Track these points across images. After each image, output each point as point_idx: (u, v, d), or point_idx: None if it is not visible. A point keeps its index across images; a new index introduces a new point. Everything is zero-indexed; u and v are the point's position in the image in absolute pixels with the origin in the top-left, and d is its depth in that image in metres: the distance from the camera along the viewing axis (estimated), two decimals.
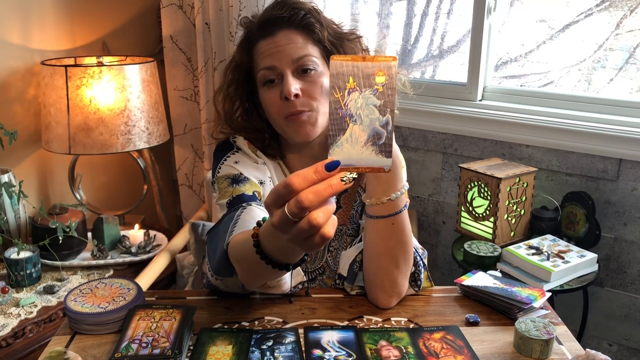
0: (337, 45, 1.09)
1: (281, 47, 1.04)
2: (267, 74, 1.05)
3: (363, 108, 0.63)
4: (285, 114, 1.04)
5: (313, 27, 1.06)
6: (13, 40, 1.87)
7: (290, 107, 1.03)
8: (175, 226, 2.49)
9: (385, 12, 2.31)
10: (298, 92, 1.02)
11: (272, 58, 1.04)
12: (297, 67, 1.04)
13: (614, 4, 1.89)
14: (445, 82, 2.10)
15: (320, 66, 1.06)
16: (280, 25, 1.05)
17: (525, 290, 1.05)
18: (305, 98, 1.04)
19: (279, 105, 1.05)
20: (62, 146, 1.79)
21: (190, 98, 2.26)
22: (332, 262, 1.16)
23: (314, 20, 1.06)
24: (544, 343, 0.89)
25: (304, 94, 1.04)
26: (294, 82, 1.03)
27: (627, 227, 1.77)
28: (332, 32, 1.09)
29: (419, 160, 2.11)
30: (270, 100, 1.06)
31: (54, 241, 1.63)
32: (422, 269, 1.06)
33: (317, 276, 1.16)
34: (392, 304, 1.04)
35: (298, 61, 1.04)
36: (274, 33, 1.05)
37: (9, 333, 1.41)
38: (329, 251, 1.16)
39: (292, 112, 1.04)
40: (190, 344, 0.91)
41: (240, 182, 1.08)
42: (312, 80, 1.05)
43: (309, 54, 1.05)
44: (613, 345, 1.88)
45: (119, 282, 1.05)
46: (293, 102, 1.03)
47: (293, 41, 1.04)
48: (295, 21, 1.05)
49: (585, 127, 1.77)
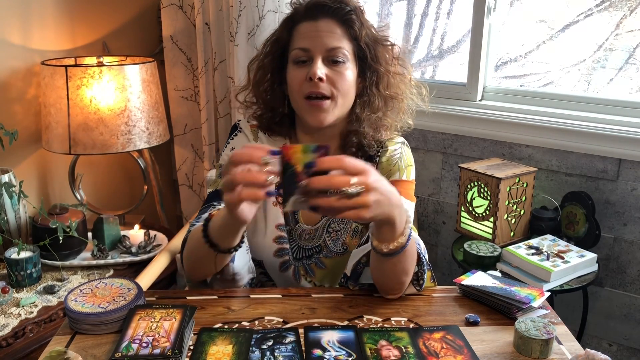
0: (370, 46, 1.15)
1: (320, 33, 1.10)
2: (300, 54, 1.12)
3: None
4: (306, 93, 1.11)
5: (353, 23, 1.12)
6: (13, 40, 1.87)
7: (312, 87, 1.10)
8: (175, 226, 2.49)
9: (385, 12, 2.31)
10: (323, 76, 1.09)
11: (308, 41, 1.11)
12: (328, 56, 1.10)
13: (614, 4, 1.89)
14: (445, 82, 2.10)
15: (349, 61, 1.13)
16: (325, 13, 1.11)
17: (524, 289, 1.05)
18: (328, 84, 1.10)
19: (302, 84, 1.11)
20: (62, 146, 1.79)
21: (190, 98, 2.26)
22: (330, 243, 1.20)
23: (355, 18, 1.12)
24: (543, 343, 0.89)
25: (328, 81, 1.10)
26: (321, 66, 1.09)
27: (627, 227, 1.77)
28: (370, 34, 1.15)
29: (419, 160, 2.11)
30: (296, 78, 1.12)
31: (54, 241, 1.63)
32: (425, 269, 1.08)
33: (313, 254, 1.21)
34: (399, 295, 1.08)
35: (331, 51, 1.10)
36: (317, 18, 1.11)
37: (9, 333, 1.41)
38: (328, 232, 1.20)
39: (312, 91, 1.10)
40: (190, 344, 0.92)
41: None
42: (339, 71, 1.11)
43: (342, 47, 1.11)
44: (613, 345, 1.88)
45: (119, 282, 1.05)
46: (316, 83, 1.09)
47: (332, 31, 1.11)
48: (340, 14, 1.11)
49: (585, 127, 1.77)
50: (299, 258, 1.21)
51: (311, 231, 1.20)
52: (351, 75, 1.13)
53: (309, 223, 1.21)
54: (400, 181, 1.18)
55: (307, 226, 1.20)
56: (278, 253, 1.20)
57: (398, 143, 1.22)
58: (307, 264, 1.21)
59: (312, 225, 1.20)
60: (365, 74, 1.16)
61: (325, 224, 1.20)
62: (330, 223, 1.20)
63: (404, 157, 1.21)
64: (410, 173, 1.21)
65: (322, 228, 1.20)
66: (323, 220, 1.20)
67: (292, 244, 1.21)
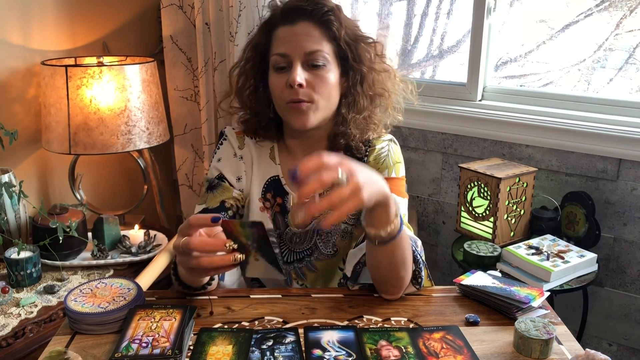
0: (351, 46, 1.13)
1: (297, 37, 1.08)
2: (279, 60, 1.10)
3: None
4: (287, 99, 1.10)
5: (332, 24, 1.10)
6: (13, 40, 1.87)
7: (292, 94, 1.09)
8: (175, 226, 2.49)
9: (385, 12, 2.31)
10: (302, 82, 1.08)
11: (287, 46, 1.09)
12: (307, 60, 1.09)
13: (614, 4, 1.89)
14: (445, 82, 2.10)
15: (330, 63, 1.11)
16: (302, 16, 1.09)
17: (523, 289, 1.05)
18: (308, 89, 1.09)
19: (283, 91, 1.10)
20: (62, 146, 1.79)
21: (190, 98, 2.26)
22: (321, 245, 1.20)
23: (333, 18, 1.10)
24: (543, 343, 0.89)
25: (308, 86, 1.09)
26: (300, 73, 1.08)
27: (627, 227, 1.77)
28: (350, 33, 1.13)
29: (419, 160, 2.11)
30: (277, 85, 1.11)
31: (54, 241, 1.63)
32: (422, 267, 1.07)
33: (304, 257, 1.20)
34: (399, 295, 1.08)
35: (310, 54, 1.08)
36: (294, 22, 1.09)
37: (9, 333, 1.41)
38: (318, 234, 1.20)
39: (293, 99, 1.09)
40: (190, 344, 0.92)
41: (214, 189, 1.18)
42: (319, 74, 1.10)
43: (321, 50, 1.09)
44: (613, 345, 1.88)
45: (119, 282, 1.05)
46: (296, 90, 1.08)
47: (310, 34, 1.09)
48: (317, 15, 1.09)
49: (585, 127, 1.77)
50: (290, 262, 1.21)
51: (302, 234, 1.20)
52: (333, 77, 1.11)
53: (298, 226, 1.20)
54: (390, 179, 1.18)
55: (298, 229, 1.20)
56: None
57: (385, 141, 1.21)
58: (298, 267, 1.21)
59: (302, 228, 1.20)
60: (349, 74, 1.15)
61: (315, 226, 1.20)
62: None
63: (392, 154, 1.20)
64: (399, 170, 1.20)
65: (312, 231, 1.20)
66: (313, 223, 1.20)
67: (282, 248, 1.21)
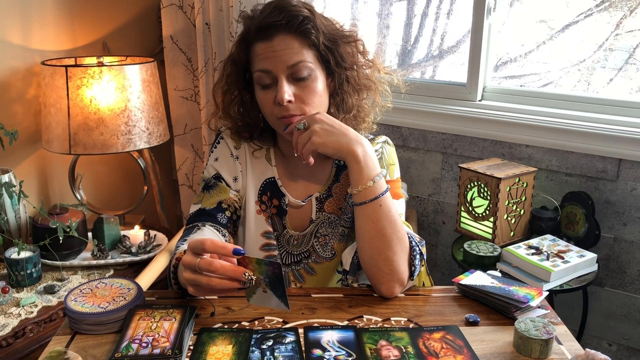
0: (332, 49, 1.11)
1: (277, 53, 1.06)
2: (263, 77, 1.09)
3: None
4: (278, 116, 1.09)
5: (310, 33, 1.08)
6: (13, 40, 1.87)
7: (282, 111, 1.08)
8: (175, 226, 2.50)
9: (385, 12, 2.32)
10: (291, 98, 1.07)
11: (268, 62, 1.07)
12: (291, 73, 1.07)
13: (614, 4, 1.89)
14: (445, 82, 2.10)
15: (314, 71, 1.09)
16: (278, 30, 1.07)
17: (522, 289, 1.05)
18: (298, 103, 1.08)
19: (272, 108, 1.09)
20: (62, 146, 1.79)
21: (190, 98, 2.27)
22: (319, 248, 1.19)
23: (310, 27, 1.08)
24: (543, 343, 0.89)
25: (297, 99, 1.08)
26: (287, 89, 1.07)
27: (627, 227, 1.77)
28: (328, 36, 1.10)
29: (418, 160, 2.11)
30: (265, 102, 1.10)
31: (55, 241, 1.63)
32: (417, 254, 1.07)
33: (302, 260, 1.21)
34: (395, 291, 1.06)
35: (293, 67, 1.07)
36: (271, 37, 1.07)
37: (10, 333, 1.41)
38: (316, 237, 1.19)
39: (284, 115, 1.08)
40: (190, 344, 0.92)
41: (210, 189, 1.17)
42: (305, 86, 1.08)
43: (303, 60, 1.07)
44: (613, 345, 1.88)
45: (119, 282, 1.05)
46: (286, 107, 1.07)
47: (289, 46, 1.07)
48: (293, 27, 1.07)
49: (585, 127, 1.77)
50: (287, 264, 1.21)
51: (299, 237, 1.20)
52: (320, 85, 1.10)
53: (296, 229, 1.20)
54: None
55: (295, 232, 1.20)
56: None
57: (380, 143, 1.21)
58: (296, 270, 1.21)
59: (299, 231, 1.20)
60: (334, 74, 1.14)
61: (313, 229, 1.19)
62: (318, 228, 1.19)
63: (386, 157, 1.20)
64: (393, 172, 1.20)
65: (310, 234, 1.20)
66: (311, 226, 1.19)
67: (280, 250, 1.21)
